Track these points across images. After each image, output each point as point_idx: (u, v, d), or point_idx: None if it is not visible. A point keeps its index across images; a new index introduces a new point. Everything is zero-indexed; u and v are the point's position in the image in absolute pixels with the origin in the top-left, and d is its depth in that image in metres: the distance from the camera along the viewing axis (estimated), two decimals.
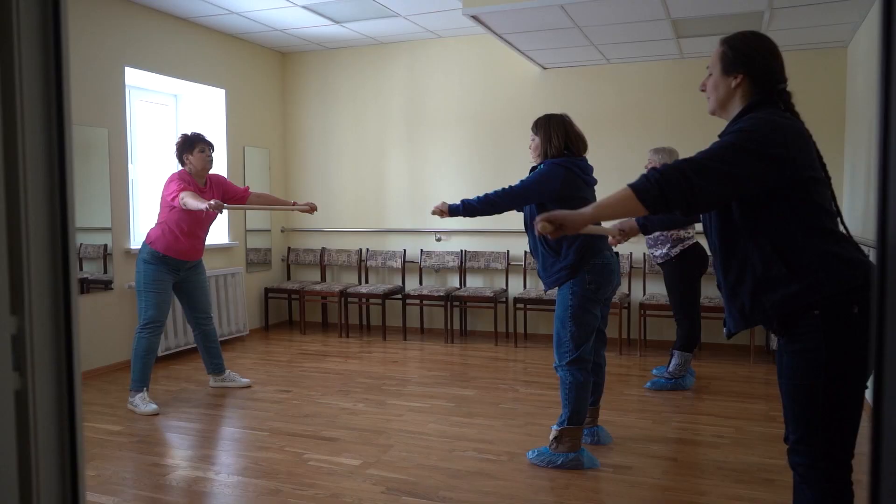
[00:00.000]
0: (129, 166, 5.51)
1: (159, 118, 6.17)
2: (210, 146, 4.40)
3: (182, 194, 4.08)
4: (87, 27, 5.02)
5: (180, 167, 4.39)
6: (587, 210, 1.91)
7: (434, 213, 3.43)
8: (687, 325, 4.62)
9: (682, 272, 4.62)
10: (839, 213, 1.89)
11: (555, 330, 3.30)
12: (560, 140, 3.29)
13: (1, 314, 0.86)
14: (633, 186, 1.82)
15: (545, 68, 6.22)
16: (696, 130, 5.78)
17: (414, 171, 6.77)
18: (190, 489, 3.10)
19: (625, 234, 3.12)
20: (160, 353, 5.45)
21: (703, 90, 2.06)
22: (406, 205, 6.80)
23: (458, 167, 6.59)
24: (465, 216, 3.37)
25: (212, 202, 3.98)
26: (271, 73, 7.01)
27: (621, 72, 6.09)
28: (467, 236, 6.56)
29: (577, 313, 3.21)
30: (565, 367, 3.24)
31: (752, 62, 1.93)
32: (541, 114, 3.43)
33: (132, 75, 5.50)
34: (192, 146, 4.32)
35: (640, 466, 3.29)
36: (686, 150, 2.17)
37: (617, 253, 3.50)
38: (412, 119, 6.74)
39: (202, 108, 6.34)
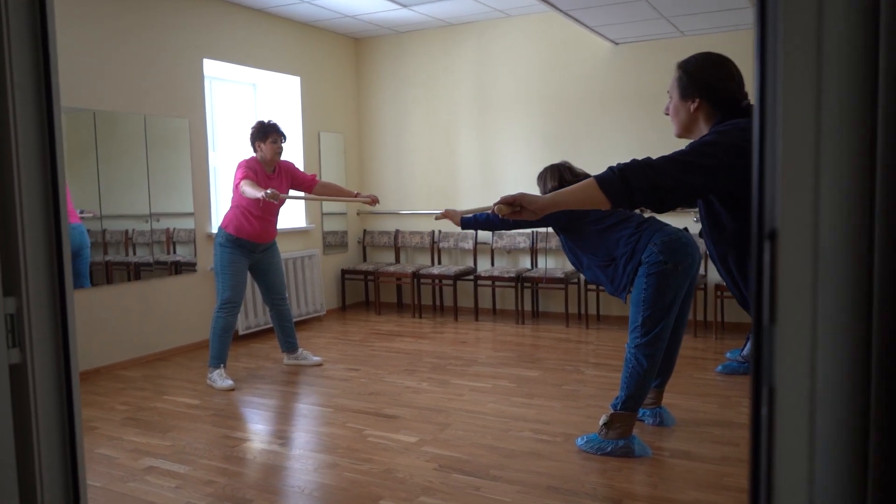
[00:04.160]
0: (210, 154, 5.78)
1: (238, 106, 6.43)
2: (283, 137, 4.55)
3: (242, 183, 4.25)
4: (166, 22, 5.28)
5: (252, 153, 4.58)
6: (549, 196, 1.98)
7: None
8: None
9: None
10: None
11: (630, 312, 3.28)
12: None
13: None
14: (596, 177, 1.86)
15: (617, 44, 6.06)
16: None
17: (485, 153, 6.76)
18: (255, 460, 3.27)
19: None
20: (242, 332, 5.74)
21: (666, 114, 2.10)
22: (477, 187, 6.81)
23: (530, 148, 6.54)
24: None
25: (268, 192, 4.12)
26: (345, 59, 7.15)
27: (696, 45, 5.82)
28: None
29: (651, 296, 3.16)
30: (633, 350, 3.21)
31: (707, 87, 1.97)
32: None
33: (211, 66, 5.75)
34: (266, 136, 4.48)
35: (698, 451, 3.22)
36: None
37: (685, 228, 3.42)
38: (483, 100, 6.72)
39: (279, 95, 6.56)
